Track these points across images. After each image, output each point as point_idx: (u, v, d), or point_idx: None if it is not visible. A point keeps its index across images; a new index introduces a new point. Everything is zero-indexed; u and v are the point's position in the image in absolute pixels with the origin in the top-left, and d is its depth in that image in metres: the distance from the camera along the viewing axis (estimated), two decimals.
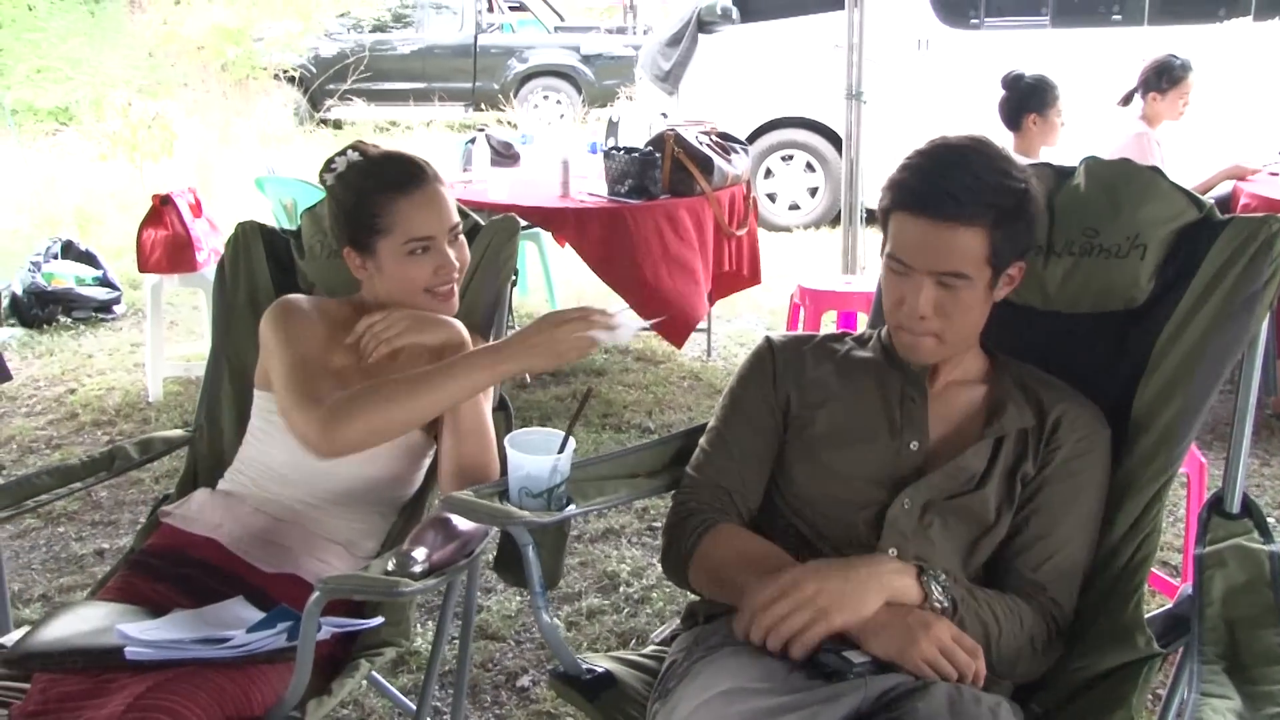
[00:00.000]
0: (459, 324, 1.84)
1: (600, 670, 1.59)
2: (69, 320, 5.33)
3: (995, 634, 1.46)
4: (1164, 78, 4.50)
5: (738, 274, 4.58)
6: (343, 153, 1.84)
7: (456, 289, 1.86)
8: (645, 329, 1.65)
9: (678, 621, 1.72)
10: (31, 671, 1.50)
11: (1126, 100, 4.63)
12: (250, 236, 2.15)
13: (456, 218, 1.85)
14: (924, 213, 1.50)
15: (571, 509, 1.60)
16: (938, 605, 1.42)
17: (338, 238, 1.87)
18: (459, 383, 1.64)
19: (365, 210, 1.78)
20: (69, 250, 5.66)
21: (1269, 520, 1.62)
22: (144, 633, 1.51)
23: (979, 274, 1.52)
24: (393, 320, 1.78)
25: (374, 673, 2.01)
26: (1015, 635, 1.48)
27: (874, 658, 1.39)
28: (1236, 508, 1.62)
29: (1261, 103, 6.64)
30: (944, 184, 1.49)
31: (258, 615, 1.61)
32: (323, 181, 1.86)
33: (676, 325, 4.21)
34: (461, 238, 1.87)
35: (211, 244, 4.30)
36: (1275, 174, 4.61)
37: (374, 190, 1.79)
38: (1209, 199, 1.71)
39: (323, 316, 1.85)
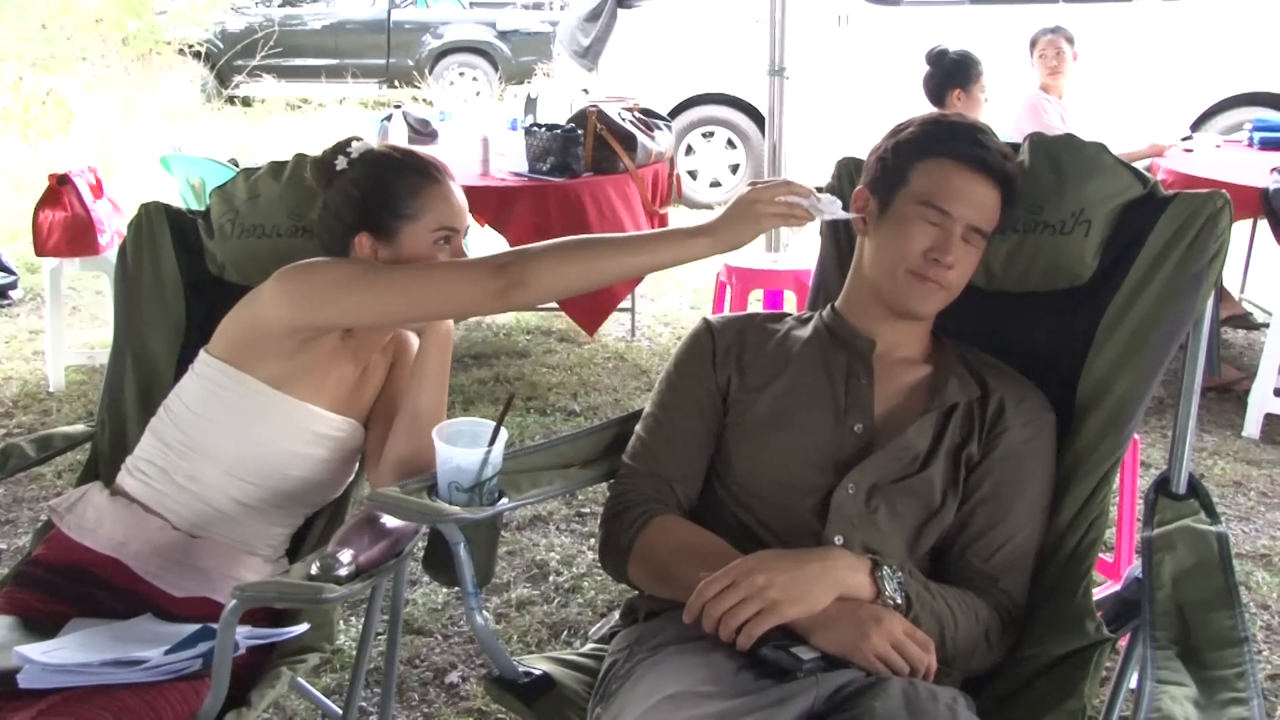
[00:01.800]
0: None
1: (538, 672, 1.53)
2: None
3: (951, 629, 1.42)
4: (1030, 42, 4.91)
5: None
6: (347, 142, 1.78)
7: None
8: (846, 219, 1.63)
9: (616, 617, 1.66)
10: None
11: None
12: (155, 218, 2.02)
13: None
14: (978, 164, 1.54)
15: (504, 503, 1.54)
16: (890, 602, 1.38)
17: (345, 224, 1.74)
18: (659, 253, 1.60)
19: (392, 193, 1.71)
20: None
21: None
22: (46, 654, 1.39)
23: (988, 238, 1.58)
24: None
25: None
26: (970, 629, 1.45)
27: (823, 654, 1.34)
28: (1183, 489, 1.61)
29: (1171, 80, 6.76)
30: (990, 142, 1.56)
31: (172, 630, 1.50)
32: (328, 166, 1.76)
33: (593, 309, 4.14)
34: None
35: (114, 225, 4.10)
36: (1189, 150, 4.68)
37: (402, 175, 1.72)
38: None
39: None
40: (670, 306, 5.24)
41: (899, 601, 1.39)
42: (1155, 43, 6.82)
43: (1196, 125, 6.69)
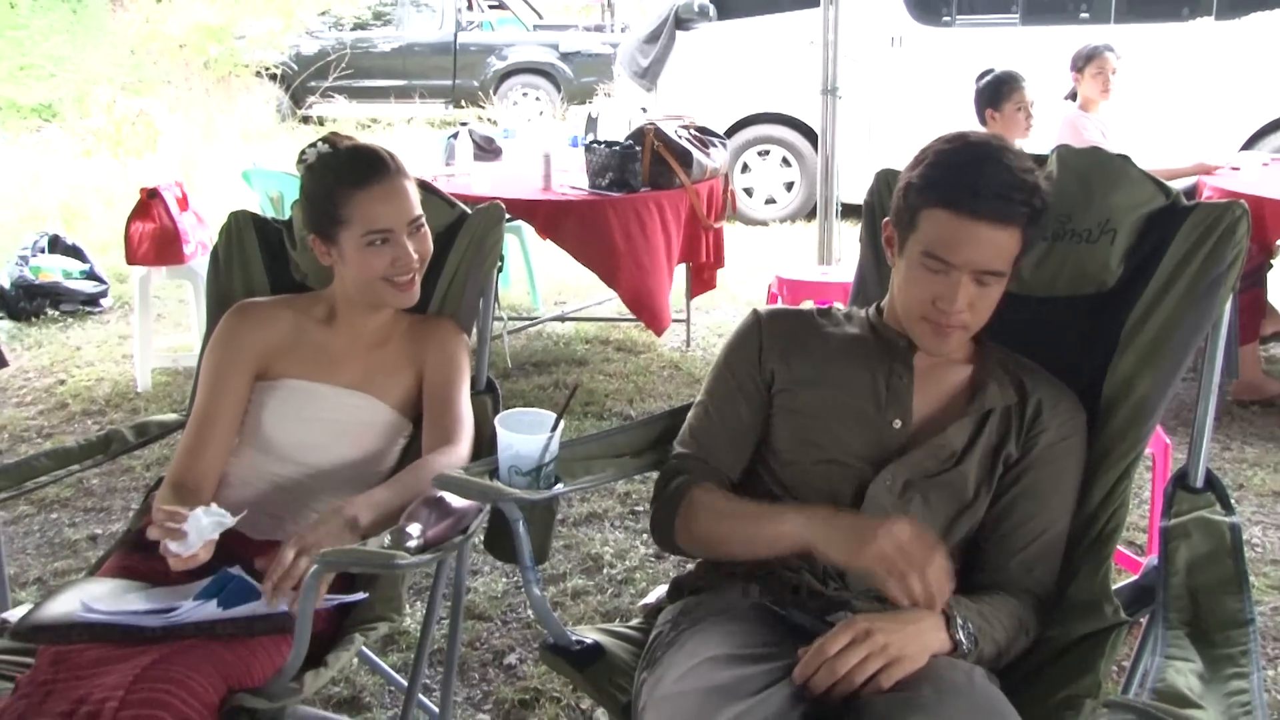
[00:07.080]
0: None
1: (589, 641, 1.64)
2: (56, 313, 5.34)
3: (1005, 645, 1.52)
4: (1081, 59, 4.84)
5: (713, 266, 4.65)
6: (314, 144, 1.90)
7: (417, 279, 1.90)
8: None
9: (663, 592, 1.77)
10: (39, 644, 1.54)
11: (1072, 95, 4.92)
12: (243, 225, 2.16)
13: (416, 211, 1.88)
14: (972, 213, 1.50)
15: (560, 487, 1.64)
16: (963, 645, 1.44)
17: (304, 225, 1.93)
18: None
19: (328, 201, 1.85)
20: (56, 244, 5.66)
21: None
22: (98, 602, 1.58)
23: (1009, 270, 1.56)
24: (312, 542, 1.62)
25: (366, 650, 2.05)
26: (1015, 633, 1.54)
27: None
28: (1200, 482, 1.68)
29: (1222, 98, 6.74)
30: (989, 184, 1.49)
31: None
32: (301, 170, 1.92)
33: (655, 314, 4.27)
34: (424, 229, 1.90)
35: (198, 237, 4.33)
36: (1236, 168, 4.70)
37: (335, 183, 1.84)
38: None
39: (289, 307, 1.98)
40: (724, 318, 5.35)
41: (970, 647, 1.44)
42: (1208, 63, 6.80)
43: (1249, 144, 6.66)
